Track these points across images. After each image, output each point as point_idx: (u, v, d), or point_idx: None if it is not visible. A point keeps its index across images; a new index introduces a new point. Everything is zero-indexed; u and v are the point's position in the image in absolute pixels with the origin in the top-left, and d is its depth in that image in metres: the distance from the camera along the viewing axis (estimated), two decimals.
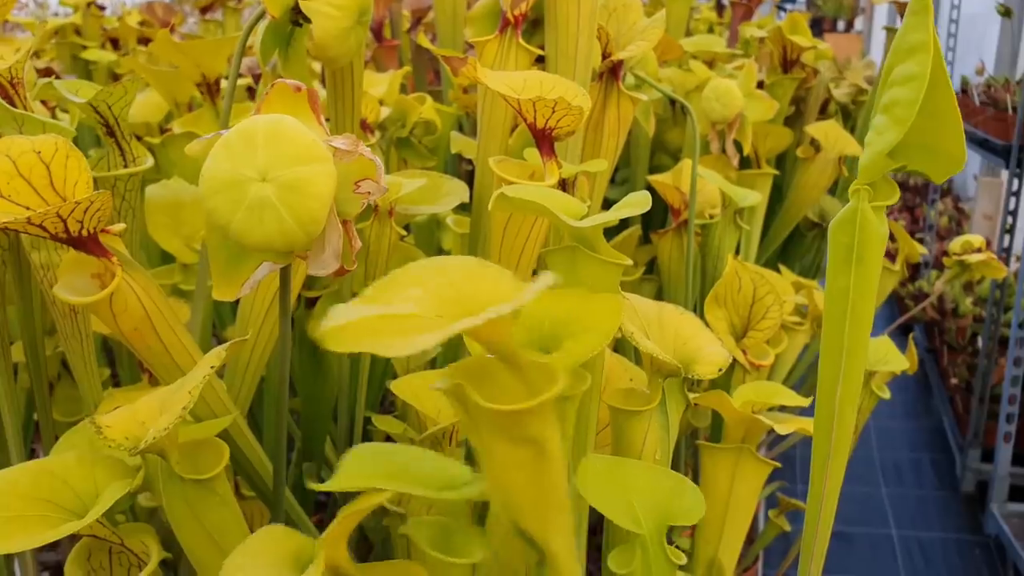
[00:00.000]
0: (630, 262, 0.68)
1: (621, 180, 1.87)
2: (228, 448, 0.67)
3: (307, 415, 1.13)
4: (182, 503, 0.65)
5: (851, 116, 2.20)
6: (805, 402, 0.95)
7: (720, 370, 0.73)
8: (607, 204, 1.93)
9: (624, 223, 1.74)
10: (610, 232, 1.67)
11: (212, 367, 0.63)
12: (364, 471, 0.55)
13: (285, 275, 0.69)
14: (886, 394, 1.31)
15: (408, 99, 1.54)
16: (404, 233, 0.99)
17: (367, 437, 1.12)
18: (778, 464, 0.93)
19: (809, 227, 2.03)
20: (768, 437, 1.72)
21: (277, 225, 0.59)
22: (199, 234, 1.08)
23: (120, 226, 0.73)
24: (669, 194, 1.55)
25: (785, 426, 0.88)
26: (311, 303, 1.07)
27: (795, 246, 2.07)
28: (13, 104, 0.86)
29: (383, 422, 0.93)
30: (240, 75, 1.86)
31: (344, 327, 0.45)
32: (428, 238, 1.41)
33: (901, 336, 1.30)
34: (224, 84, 1.47)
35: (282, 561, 0.56)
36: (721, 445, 0.92)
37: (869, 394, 1.31)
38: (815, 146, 1.86)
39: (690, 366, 0.73)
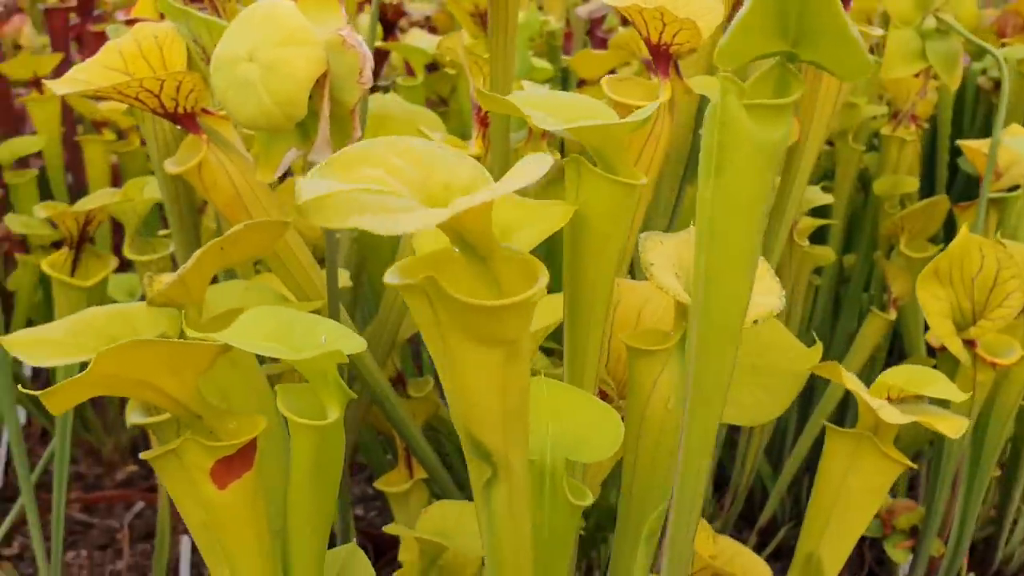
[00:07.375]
0: (640, 181, 0.61)
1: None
2: (240, 312, 0.72)
3: None
4: None
5: None
6: (960, 396, 0.78)
7: (756, 322, 0.63)
8: None
9: (929, 189, 1.53)
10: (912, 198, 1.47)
11: (220, 243, 0.68)
12: (249, 332, 0.58)
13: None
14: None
15: None
16: (560, 157, 0.96)
17: None
18: (911, 464, 0.78)
19: None
20: None
21: (257, 104, 0.62)
22: None
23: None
24: (979, 161, 1.33)
25: (903, 416, 0.73)
26: None
27: None
28: (218, 13, 0.96)
29: None
30: None
31: (324, 201, 0.45)
32: None
33: None
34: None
35: None
36: (841, 429, 0.79)
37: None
38: None
39: None
